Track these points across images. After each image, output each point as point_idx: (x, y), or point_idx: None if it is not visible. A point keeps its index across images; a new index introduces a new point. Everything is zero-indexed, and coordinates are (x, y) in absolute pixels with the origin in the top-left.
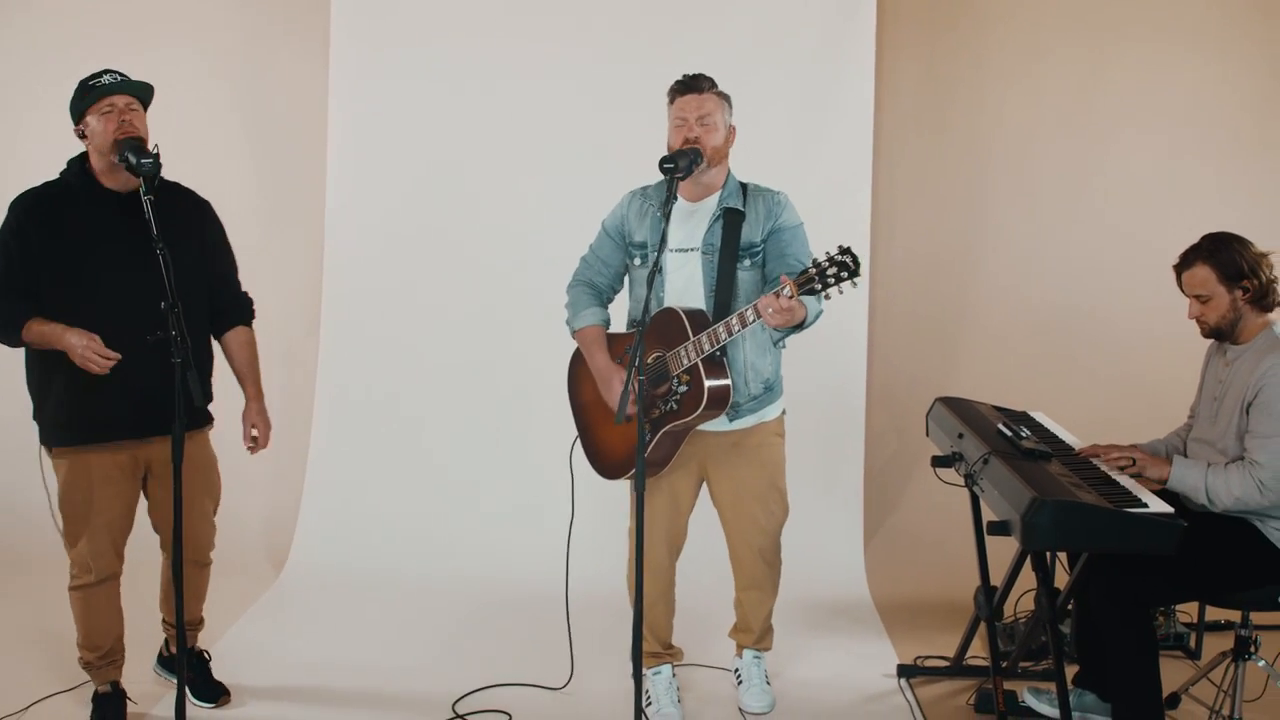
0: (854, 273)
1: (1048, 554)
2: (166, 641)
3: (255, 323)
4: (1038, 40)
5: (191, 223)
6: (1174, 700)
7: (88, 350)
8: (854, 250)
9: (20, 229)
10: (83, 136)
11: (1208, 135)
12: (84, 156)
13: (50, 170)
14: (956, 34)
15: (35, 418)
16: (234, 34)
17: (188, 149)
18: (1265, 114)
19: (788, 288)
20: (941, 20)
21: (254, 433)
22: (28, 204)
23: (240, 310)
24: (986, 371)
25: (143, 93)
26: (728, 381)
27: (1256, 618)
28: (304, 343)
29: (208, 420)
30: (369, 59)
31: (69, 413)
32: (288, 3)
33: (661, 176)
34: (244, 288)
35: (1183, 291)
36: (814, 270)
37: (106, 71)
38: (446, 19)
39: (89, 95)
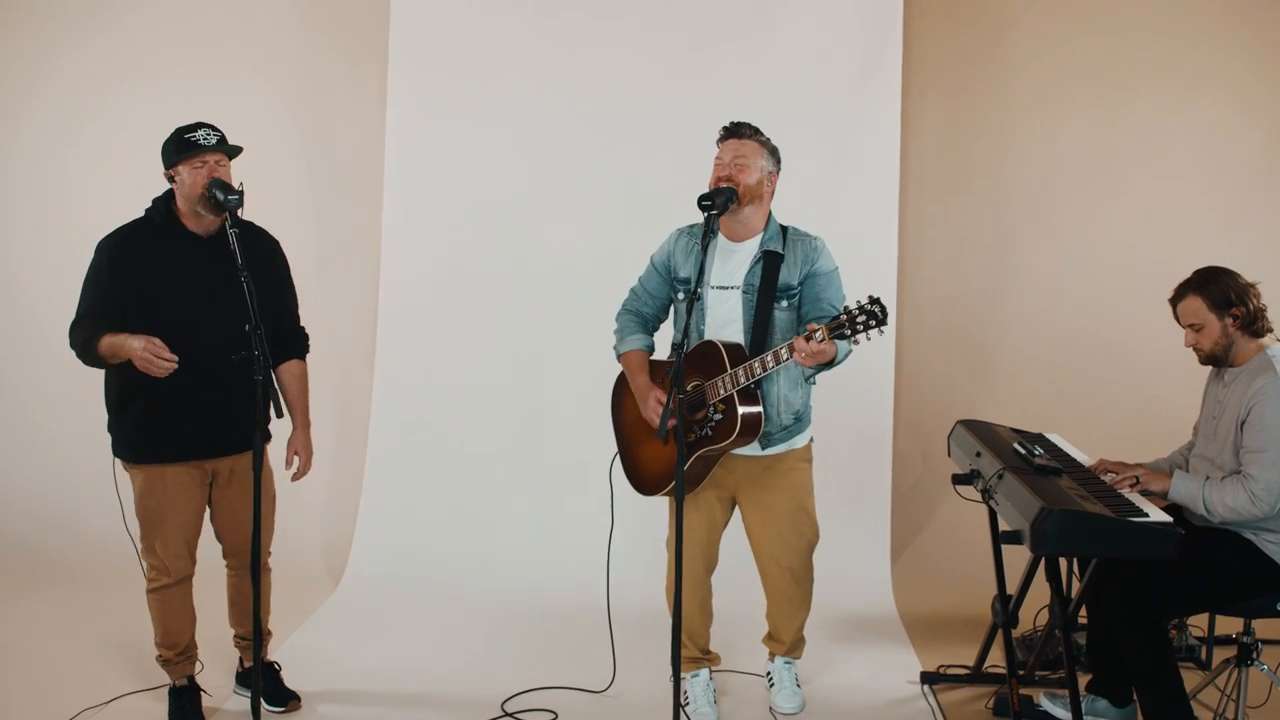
0: (881, 321)
1: (1060, 564)
2: (241, 659)
3: (315, 350)
4: (1057, 86)
5: (262, 258)
6: None
7: (147, 352)
8: (883, 301)
9: (110, 263)
10: (172, 181)
11: (1218, 174)
12: (169, 198)
13: (110, 187)
14: (979, 81)
15: (110, 430)
16: (298, 70)
17: (251, 182)
18: (1273, 153)
19: (820, 332)
20: (964, 68)
21: (296, 460)
22: (118, 240)
23: (296, 344)
24: (1009, 399)
25: (231, 151)
26: (759, 410)
27: (1264, 632)
28: (360, 370)
29: (268, 437)
30: (424, 101)
31: (145, 434)
32: (348, 48)
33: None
34: (302, 321)
35: (1178, 322)
36: (844, 317)
37: (201, 126)
38: (496, 65)
39: (185, 149)
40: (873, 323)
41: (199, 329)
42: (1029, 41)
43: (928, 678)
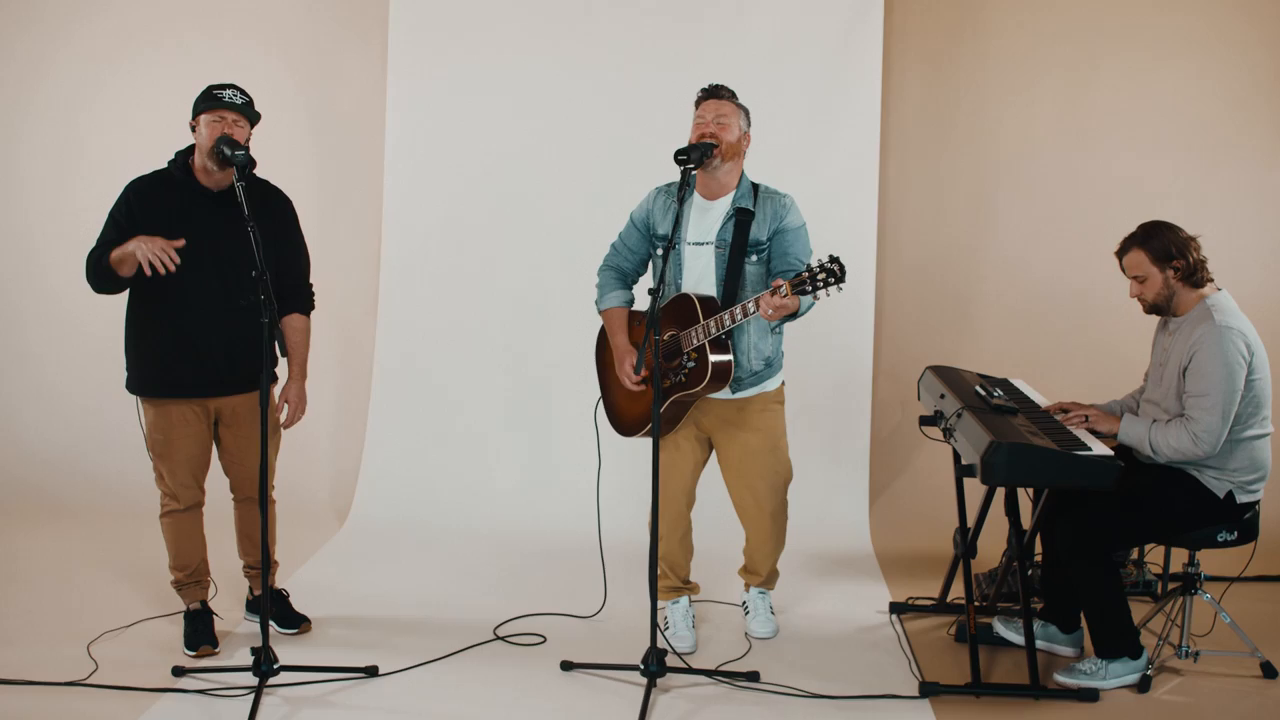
0: (840, 279)
1: (1016, 498)
2: (250, 587)
3: (322, 304)
4: (1035, 50)
5: (272, 214)
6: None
7: (151, 248)
8: (841, 260)
9: (128, 207)
10: (193, 131)
11: (1187, 135)
12: (189, 152)
13: (124, 147)
14: (959, 45)
15: (127, 368)
16: (302, 34)
17: (258, 141)
18: (1239, 116)
19: (784, 287)
20: (945, 32)
21: (286, 407)
22: (139, 187)
23: (300, 299)
24: (984, 349)
25: (252, 116)
26: (729, 358)
27: (1210, 568)
28: (363, 323)
29: (274, 379)
30: (423, 64)
31: (153, 371)
32: (350, 14)
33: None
34: (311, 278)
35: (1124, 274)
36: (806, 274)
37: (231, 86)
38: (493, 30)
39: (208, 101)
40: (831, 280)
41: (201, 277)
42: (1006, 8)
43: (895, 608)
